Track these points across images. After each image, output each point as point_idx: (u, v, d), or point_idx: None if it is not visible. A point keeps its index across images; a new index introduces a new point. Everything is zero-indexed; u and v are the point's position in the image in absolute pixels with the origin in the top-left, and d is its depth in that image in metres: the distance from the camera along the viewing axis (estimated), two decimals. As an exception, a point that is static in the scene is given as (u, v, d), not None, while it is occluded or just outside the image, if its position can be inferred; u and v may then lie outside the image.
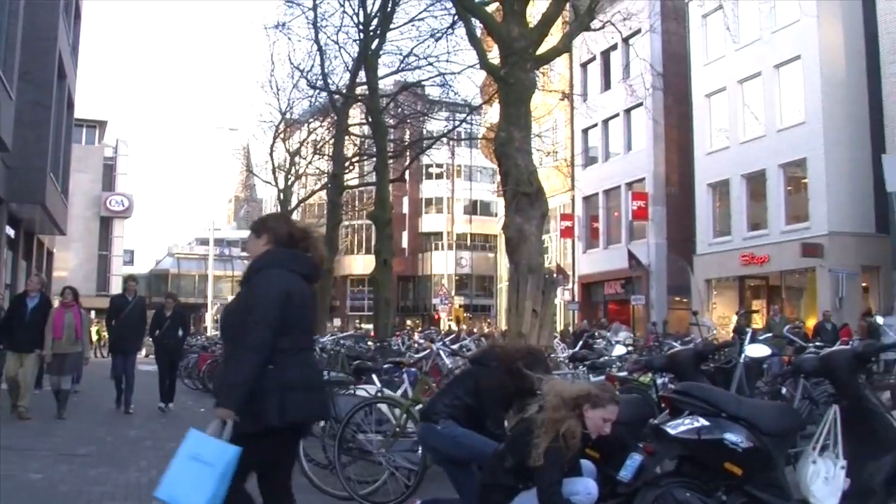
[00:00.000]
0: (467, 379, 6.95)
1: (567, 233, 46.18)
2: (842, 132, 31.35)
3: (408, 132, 39.41)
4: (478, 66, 19.37)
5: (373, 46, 29.53)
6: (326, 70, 33.26)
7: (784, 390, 10.13)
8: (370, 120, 30.71)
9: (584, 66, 45.18)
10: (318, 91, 34.99)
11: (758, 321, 28.40)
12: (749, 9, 31.76)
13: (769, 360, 10.76)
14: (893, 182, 15.51)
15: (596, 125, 44.13)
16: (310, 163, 45.26)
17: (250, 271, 4.89)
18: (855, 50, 31.91)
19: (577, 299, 44.47)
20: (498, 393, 6.64)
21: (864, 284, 31.82)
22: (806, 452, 5.90)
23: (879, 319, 14.11)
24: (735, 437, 5.37)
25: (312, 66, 34.57)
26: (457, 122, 36.25)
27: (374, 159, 32.72)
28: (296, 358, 4.75)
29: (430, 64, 31.61)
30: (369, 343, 20.89)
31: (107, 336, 27.99)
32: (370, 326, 37.73)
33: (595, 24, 17.99)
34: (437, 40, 29.70)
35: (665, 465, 6.17)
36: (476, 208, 74.09)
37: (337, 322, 64.57)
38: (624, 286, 41.85)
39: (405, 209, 74.14)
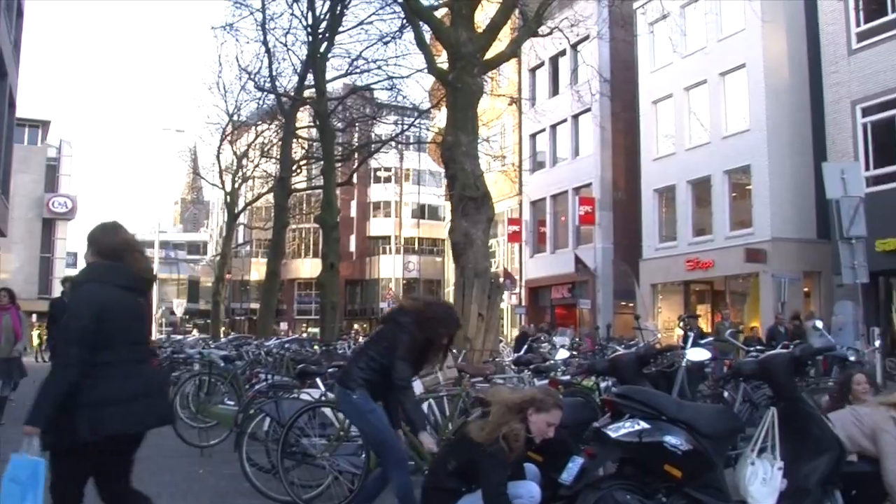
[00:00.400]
0: (380, 339, 7.07)
1: (514, 237, 46.27)
2: (785, 140, 31.76)
3: (356, 135, 39.33)
4: (426, 70, 19.36)
5: (321, 49, 29.46)
6: (274, 72, 33.19)
7: (726, 393, 10.25)
8: (318, 123, 30.64)
9: (532, 71, 45.35)
10: (265, 93, 34.88)
11: (702, 325, 28.70)
12: (695, 17, 32.10)
13: (712, 363, 10.88)
14: (833, 189, 15.66)
15: (544, 130, 44.32)
16: (257, 165, 45.15)
17: (72, 287, 4.92)
18: (798, 59, 32.33)
19: (524, 303, 44.58)
20: (409, 346, 6.78)
21: (805, 289, 32.21)
22: (745, 454, 5.98)
23: (819, 324, 14.33)
24: (675, 440, 5.44)
25: (260, 68, 34.52)
26: (405, 126, 36.23)
27: (322, 163, 32.62)
28: (118, 371, 4.71)
29: (379, 67, 31.63)
30: (315, 347, 20.81)
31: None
32: (317, 330, 37.61)
33: (543, 29, 18.10)
34: (385, 44, 29.80)
35: (608, 467, 6.23)
36: (424, 212, 74.14)
37: (284, 326, 64.28)
38: (571, 290, 41.97)
39: (353, 213, 73.99)
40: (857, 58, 28.48)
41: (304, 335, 41.15)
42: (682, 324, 14.30)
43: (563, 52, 38.56)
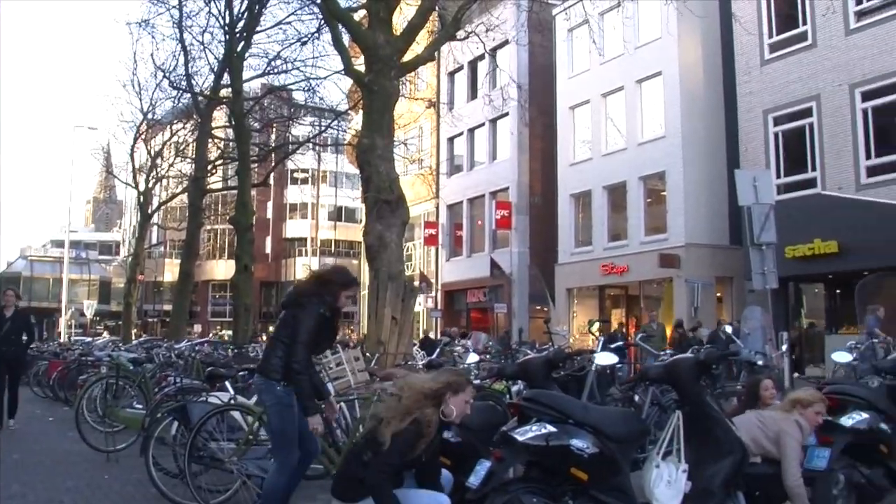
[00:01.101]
0: (285, 325, 7.06)
1: (431, 240, 46.26)
2: (699, 147, 32.23)
3: (273, 136, 39.03)
4: (344, 71, 19.28)
5: (238, 49, 29.15)
6: (190, 71, 32.80)
7: (637, 397, 10.35)
8: (234, 123, 30.29)
9: (451, 75, 45.45)
10: (181, 92, 34.46)
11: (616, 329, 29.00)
12: (614, 24, 32.39)
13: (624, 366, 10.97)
14: (745, 196, 15.89)
15: (462, 134, 44.35)
16: (172, 165, 44.59)
17: None
18: (713, 68, 32.85)
19: (439, 307, 44.59)
20: (313, 326, 6.81)
21: (718, 294, 32.72)
22: (650, 457, 6.02)
23: (728, 329, 14.58)
24: (581, 443, 5.46)
25: (176, 66, 33.99)
26: (322, 128, 36.04)
27: (237, 163, 32.31)
28: None
29: (297, 68, 31.43)
30: (229, 349, 20.58)
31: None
32: (231, 332, 37.23)
33: (460, 34, 18.10)
34: (303, 45, 29.57)
35: (518, 470, 6.23)
36: (341, 214, 73.82)
37: (198, 328, 63.54)
38: (486, 294, 42.10)
39: (269, 214, 73.53)
40: (770, 68, 29.06)
41: (215, 337, 40.73)
42: (591, 328, 14.39)
43: (481, 57, 38.65)
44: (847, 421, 6.98)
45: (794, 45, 28.47)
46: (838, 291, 27.82)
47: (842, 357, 11.92)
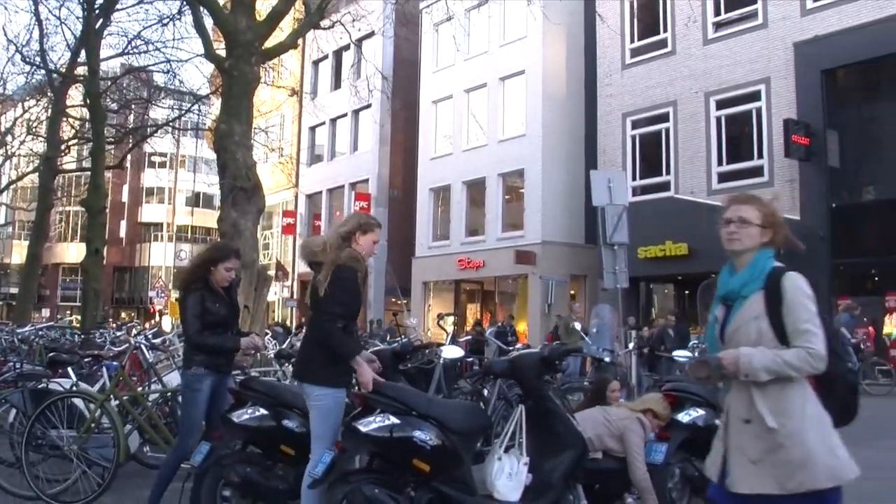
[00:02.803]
0: (183, 312, 7.21)
1: (289, 229, 45.89)
2: (559, 146, 32.71)
3: (130, 118, 38.08)
4: (204, 55, 18.95)
5: (97, 26, 28.28)
6: (45, 46, 31.62)
7: (486, 391, 10.45)
8: (89, 103, 29.42)
9: (315, 63, 45.20)
10: (34, 68, 33.31)
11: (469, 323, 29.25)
12: (479, 22, 32.67)
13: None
14: (599, 196, 16.20)
15: (324, 124, 44.13)
16: (23, 143, 43.09)
17: None
18: (576, 69, 33.40)
19: (295, 297, 44.27)
20: (197, 307, 7.01)
21: (572, 292, 33.27)
22: (493, 449, 6.11)
23: (577, 325, 14.88)
24: (424, 435, 5.51)
25: (30, 40, 32.85)
26: (182, 111, 35.32)
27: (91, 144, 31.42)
28: None
29: (158, 49, 30.59)
30: (76, 335, 20.01)
31: None
32: (79, 317, 36.24)
33: (325, 23, 17.96)
34: (164, 25, 28.69)
35: (363, 461, 6.28)
36: (199, 200, 72.67)
37: (46, 312, 61.68)
38: (343, 285, 41.85)
39: (125, 198, 71.88)
40: (630, 72, 29.74)
41: (64, 322, 39.57)
42: (441, 321, 14.49)
43: (346, 47, 38.40)
44: (684, 417, 7.20)
45: (655, 52, 29.25)
46: (687, 292, 28.65)
47: (682, 356, 12.24)
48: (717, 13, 27.87)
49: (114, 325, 26.98)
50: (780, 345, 3.91)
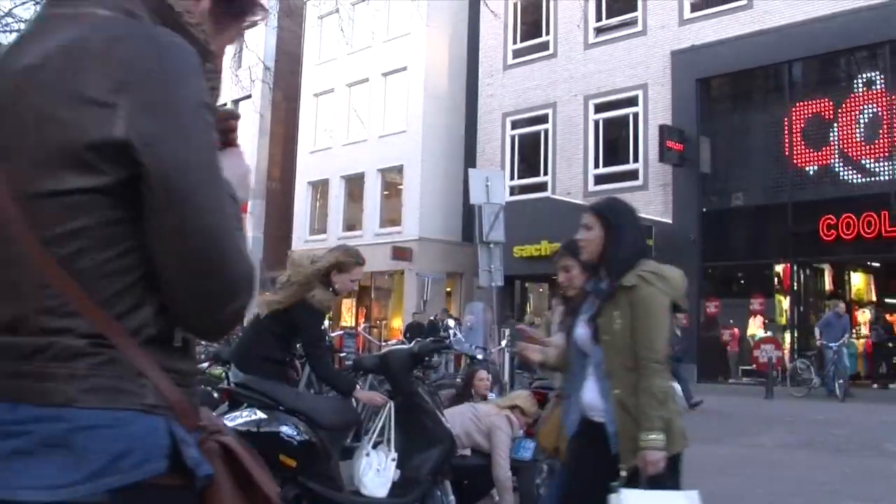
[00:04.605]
0: None
1: (166, 219, 44.96)
2: (439, 144, 32.74)
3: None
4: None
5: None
6: None
7: (359, 386, 10.38)
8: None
9: (196, 51, 44.36)
10: None
11: (348, 320, 29.11)
12: (364, 16, 32.51)
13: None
14: (477, 195, 16.25)
15: (203, 112, 43.21)
16: None
17: None
18: (458, 68, 33.49)
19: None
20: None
21: (448, 289, 33.34)
22: (361, 445, 6.07)
23: (451, 322, 14.91)
24: (291, 431, 5.43)
25: None
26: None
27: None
28: None
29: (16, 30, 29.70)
30: None
31: None
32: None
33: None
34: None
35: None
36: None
37: None
38: (214, 277, 41.25)
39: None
40: (511, 73, 29.97)
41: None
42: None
43: (228, 35, 37.85)
44: (551, 414, 7.30)
45: (536, 54, 29.52)
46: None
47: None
48: (599, 18, 28.28)
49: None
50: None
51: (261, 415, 5.48)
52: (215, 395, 7.51)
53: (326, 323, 16.72)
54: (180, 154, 1.48)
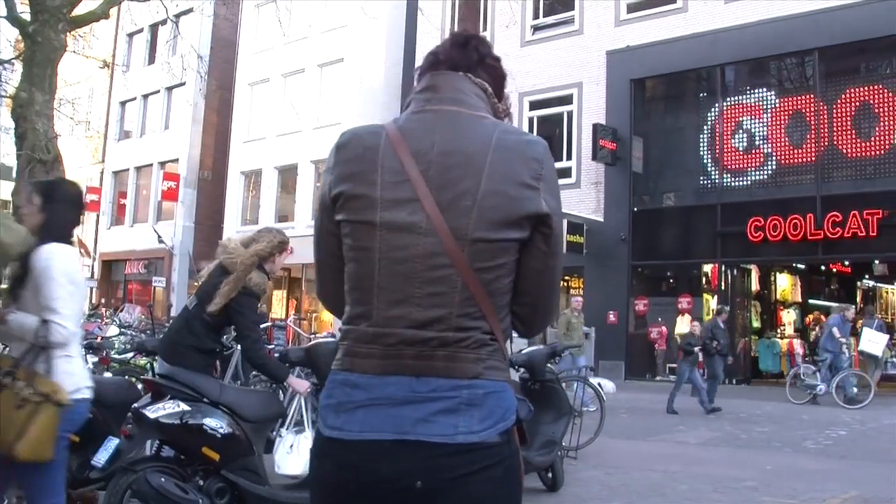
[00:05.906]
0: None
1: (93, 206, 44.22)
2: (373, 137, 32.69)
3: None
4: (6, 17, 18.12)
5: None
6: None
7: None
8: None
9: (130, 36, 43.78)
10: None
11: (278, 311, 28.97)
12: (302, 6, 32.35)
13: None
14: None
15: (135, 99, 42.78)
16: None
17: None
18: (395, 61, 33.41)
19: (96, 276, 42.88)
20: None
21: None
22: (279, 430, 6.20)
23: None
24: (215, 423, 5.41)
25: None
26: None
27: None
28: None
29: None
30: None
31: None
32: None
33: (141, -6, 17.47)
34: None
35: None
36: (-3, 171, 69.64)
37: None
38: (147, 266, 40.97)
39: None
40: (447, 69, 29.97)
41: None
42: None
43: (163, 22, 37.38)
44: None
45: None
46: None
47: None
48: (536, 16, 28.43)
49: None
50: None
51: (185, 407, 5.45)
52: (139, 385, 7.41)
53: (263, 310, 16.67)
54: (560, 222, 2.24)
